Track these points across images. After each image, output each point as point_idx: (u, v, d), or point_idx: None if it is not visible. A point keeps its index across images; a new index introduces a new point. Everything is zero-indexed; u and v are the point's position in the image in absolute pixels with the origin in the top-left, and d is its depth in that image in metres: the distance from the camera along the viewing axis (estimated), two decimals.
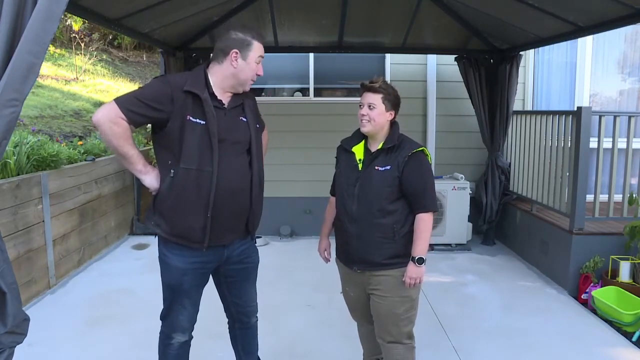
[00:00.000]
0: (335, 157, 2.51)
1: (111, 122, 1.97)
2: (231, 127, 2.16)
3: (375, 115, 2.27)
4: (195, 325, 2.35)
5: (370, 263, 2.30)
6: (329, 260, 2.62)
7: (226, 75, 2.14)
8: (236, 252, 2.29)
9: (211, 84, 2.14)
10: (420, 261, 2.24)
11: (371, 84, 2.29)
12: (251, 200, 2.22)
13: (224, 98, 2.17)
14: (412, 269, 2.25)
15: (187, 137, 2.04)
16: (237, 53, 2.11)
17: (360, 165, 2.34)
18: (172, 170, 2.06)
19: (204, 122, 2.06)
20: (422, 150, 2.30)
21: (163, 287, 2.26)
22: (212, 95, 2.12)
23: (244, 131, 2.21)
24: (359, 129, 2.37)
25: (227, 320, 2.53)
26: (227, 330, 2.56)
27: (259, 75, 2.19)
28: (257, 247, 2.46)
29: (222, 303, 2.47)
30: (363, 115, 2.29)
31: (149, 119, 2.06)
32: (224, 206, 2.11)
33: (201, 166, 2.05)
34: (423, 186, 2.27)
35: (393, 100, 2.31)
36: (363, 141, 2.39)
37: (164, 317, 2.30)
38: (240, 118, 2.22)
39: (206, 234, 2.11)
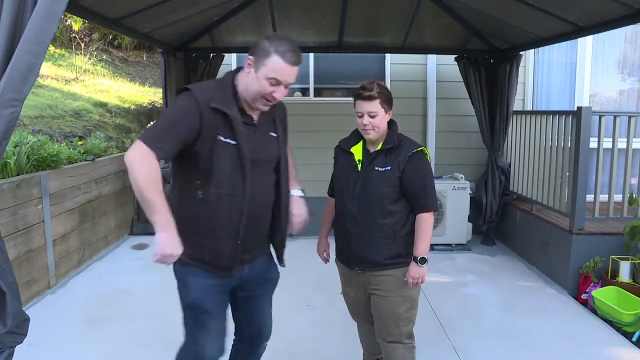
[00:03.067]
0: (333, 158, 2.50)
1: (142, 160, 1.74)
2: (262, 145, 1.96)
3: (377, 122, 2.23)
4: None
5: (371, 263, 2.30)
6: (328, 261, 2.62)
7: (242, 87, 1.90)
8: (257, 266, 2.12)
9: (239, 96, 1.91)
10: (422, 261, 2.24)
11: (368, 93, 2.21)
12: (280, 220, 2.07)
13: (254, 113, 1.95)
14: (414, 269, 2.25)
15: (219, 159, 1.84)
16: (251, 61, 1.85)
17: (359, 166, 2.33)
18: (199, 192, 1.87)
19: (235, 143, 1.85)
20: (422, 150, 2.30)
21: (184, 313, 2.02)
22: (241, 110, 1.90)
23: (274, 149, 2.03)
24: (357, 129, 2.36)
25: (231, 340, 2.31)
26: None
27: (275, 97, 1.86)
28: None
29: (235, 322, 2.26)
30: (365, 125, 2.23)
31: (182, 147, 1.82)
32: (252, 229, 1.96)
33: (233, 190, 1.87)
34: (423, 186, 2.26)
35: (388, 100, 2.27)
36: (361, 141, 2.37)
37: (186, 351, 2.06)
38: (270, 134, 2.02)
39: (235, 261, 1.94)
